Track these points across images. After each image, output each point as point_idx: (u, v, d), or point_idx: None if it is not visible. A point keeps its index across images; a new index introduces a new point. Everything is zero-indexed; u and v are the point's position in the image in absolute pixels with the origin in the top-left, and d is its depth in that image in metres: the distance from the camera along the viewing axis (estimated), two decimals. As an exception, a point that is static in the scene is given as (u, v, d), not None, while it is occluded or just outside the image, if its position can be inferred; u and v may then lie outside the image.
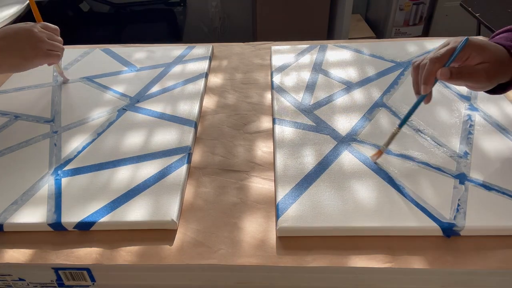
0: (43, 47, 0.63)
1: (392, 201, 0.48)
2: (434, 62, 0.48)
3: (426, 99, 0.51)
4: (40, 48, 0.63)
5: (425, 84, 0.49)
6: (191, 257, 0.45)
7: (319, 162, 0.54)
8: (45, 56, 0.64)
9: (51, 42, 0.64)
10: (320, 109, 0.64)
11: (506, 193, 0.48)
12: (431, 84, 0.49)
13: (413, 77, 0.52)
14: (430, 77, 0.48)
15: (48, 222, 0.47)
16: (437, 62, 0.48)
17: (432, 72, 0.48)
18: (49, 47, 0.64)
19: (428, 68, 0.48)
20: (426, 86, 0.49)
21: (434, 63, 0.48)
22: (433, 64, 0.48)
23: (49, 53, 0.64)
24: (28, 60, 0.63)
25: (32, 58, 0.63)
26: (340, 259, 0.43)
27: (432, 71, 0.48)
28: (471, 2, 1.41)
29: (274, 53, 0.79)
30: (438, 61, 0.48)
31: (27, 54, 0.62)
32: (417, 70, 0.51)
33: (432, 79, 0.48)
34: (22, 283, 0.48)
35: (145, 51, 0.81)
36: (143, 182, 0.52)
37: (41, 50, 0.63)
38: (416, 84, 0.52)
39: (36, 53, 0.63)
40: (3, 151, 0.58)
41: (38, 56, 0.63)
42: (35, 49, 0.62)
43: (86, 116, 0.64)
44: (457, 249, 0.44)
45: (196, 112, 0.64)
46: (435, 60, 0.48)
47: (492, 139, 0.56)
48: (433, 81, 0.49)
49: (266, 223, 0.48)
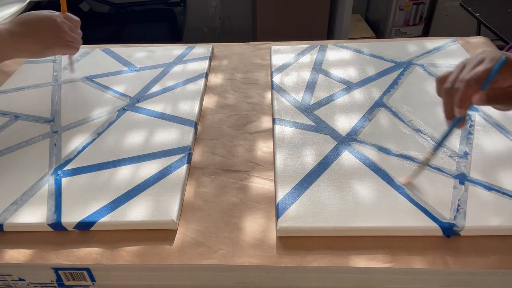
0: (64, 37, 0.64)
1: (392, 201, 0.48)
2: (471, 85, 0.43)
3: (460, 123, 0.46)
4: (61, 38, 0.64)
5: (461, 108, 0.44)
6: (191, 257, 0.45)
7: (319, 162, 0.54)
8: (64, 47, 0.65)
9: (72, 34, 0.66)
10: (320, 109, 0.64)
11: (506, 193, 0.48)
12: (467, 108, 0.44)
13: (444, 100, 0.47)
14: (466, 102, 0.44)
15: (48, 222, 0.47)
16: (474, 85, 0.43)
17: (469, 96, 0.43)
18: (69, 39, 0.65)
19: (464, 92, 0.44)
20: (462, 110, 0.45)
21: (471, 86, 0.43)
22: (470, 87, 0.43)
23: (69, 44, 0.65)
24: (48, 48, 0.64)
25: (52, 47, 0.64)
26: (340, 259, 0.43)
27: (468, 95, 0.43)
28: (471, 2, 1.41)
29: (274, 53, 0.79)
30: (475, 84, 0.43)
31: (48, 42, 0.63)
32: (450, 93, 0.46)
33: (468, 103, 0.44)
34: (22, 283, 0.48)
35: (145, 51, 0.81)
36: (143, 182, 0.52)
37: (62, 40, 0.64)
38: (447, 110, 0.47)
39: (56, 42, 0.64)
40: (3, 151, 0.58)
41: (58, 45, 0.64)
42: (56, 38, 0.64)
43: (86, 116, 0.64)
44: (457, 249, 0.44)
45: (196, 112, 0.64)
46: (471, 83, 0.43)
47: (492, 139, 0.56)
48: (469, 105, 0.44)
49: (266, 223, 0.48)
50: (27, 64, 0.78)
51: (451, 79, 0.46)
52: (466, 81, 0.44)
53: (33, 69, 0.77)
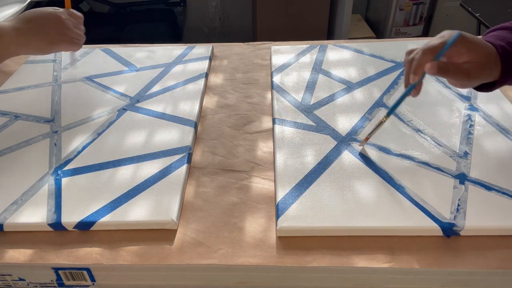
0: (69, 34, 0.66)
1: (392, 201, 0.48)
2: (426, 53, 0.47)
3: (414, 91, 0.50)
4: (66, 35, 0.65)
5: (414, 74, 0.48)
6: (191, 257, 0.45)
7: (319, 162, 0.54)
8: (69, 44, 0.66)
9: (76, 31, 0.67)
10: (320, 109, 0.64)
11: (506, 193, 0.48)
12: (420, 75, 0.48)
13: (405, 68, 0.51)
14: (419, 68, 0.48)
15: (48, 222, 0.47)
16: (428, 54, 0.47)
17: (422, 64, 0.47)
18: (74, 35, 0.66)
19: (419, 59, 0.48)
20: (415, 77, 0.48)
21: (426, 54, 0.47)
22: (424, 55, 0.47)
23: (73, 41, 0.67)
24: (54, 45, 0.65)
25: (58, 43, 0.65)
26: (340, 259, 0.43)
27: (422, 63, 0.47)
28: (471, 2, 1.41)
29: (274, 53, 0.79)
30: (429, 53, 0.47)
31: (54, 39, 0.64)
32: (410, 62, 0.50)
33: (421, 70, 0.48)
34: (22, 283, 0.48)
35: (145, 51, 0.81)
36: (143, 182, 0.52)
37: (67, 37, 0.65)
38: (406, 77, 0.51)
39: (61, 39, 0.65)
40: (3, 151, 0.58)
41: (63, 42, 0.65)
42: (61, 35, 0.65)
43: (86, 116, 0.64)
44: (457, 249, 0.44)
45: (196, 112, 0.64)
46: (426, 51, 0.47)
47: (492, 139, 0.56)
48: (421, 72, 0.48)
49: (266, 223, 0.48)
50: (27, 64, 0.78)
51: (414, 50, 0.50)
52: (422, 50, 0.48)
53: (33, 69, 0.77)
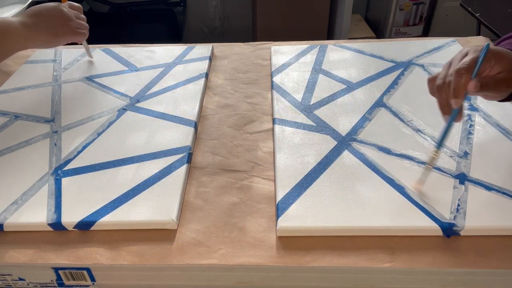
0: (72, 25, 0.68)
1: (392, 201, 0.48)
2: (462, 74, 0.44)
3: (458, 116, 0.46)
4: (69, 26, 0.68)
5: (457, 97, 0.45)
6: (191, 257, 0.45)
7: (319, 162, 0.54)
8: (73, 34, 0.69)
9: (78, 21, 0.70)
10: (320, 109, 0.64)
11: (506, 193, 0.48)
12: (463, 97, 0.45)
13: (438, 97, 0.47)
14: (461, 91, 0.44)
15: (48, 222, 0.47)
16: (464, 74, 0.44)
17: (462, 85, 0.44)
18: (76, 25, 0.69)
19: (457, 81, 0.44)
20: (458, 100, 0.45)
21: (462, 74, 0.44)
22: (461, 76, 0.44)
23: (76, 31, 0.69)
24: (59, 37, 0.68)
25: (63, 35, 0.68)
26: (340, 259, 0.43)
27: (461, 84, 0.44)
28: (471, 2, 1.41)
29: (274, 53, 0.79)
30: (466, 73, 0.44)
31: (58, 31, 0.67)
32: (441, 88, 0.46)
33: (463, 92, 0.44)
34: (22, 283, 0.48)
35: (145, 51, 0.81)
36: (143, 182, 0.52)
37: (70, 28, 0.68)
38: (443, 105, 0.47)
39: (65, 31, 0.68)
40: (3, 151, 0.58)
41: (67, 33, 0.68)
42: (64, 27, 0.67)
43: (86, 116, 0.64)
44: (457, 249, 0.44)
45: (196, 112, 0.64)
46: (461, 72, 0.44)
47: (492, 139, 0.56)
48: (463, 94, 0.45)
49: (266, 223, 0.48)
50: (27, 64, 0.78)
51: (441, 76, 0.47)
52: (456, 71, 0.45)
53: (33, 69, 0.77)
